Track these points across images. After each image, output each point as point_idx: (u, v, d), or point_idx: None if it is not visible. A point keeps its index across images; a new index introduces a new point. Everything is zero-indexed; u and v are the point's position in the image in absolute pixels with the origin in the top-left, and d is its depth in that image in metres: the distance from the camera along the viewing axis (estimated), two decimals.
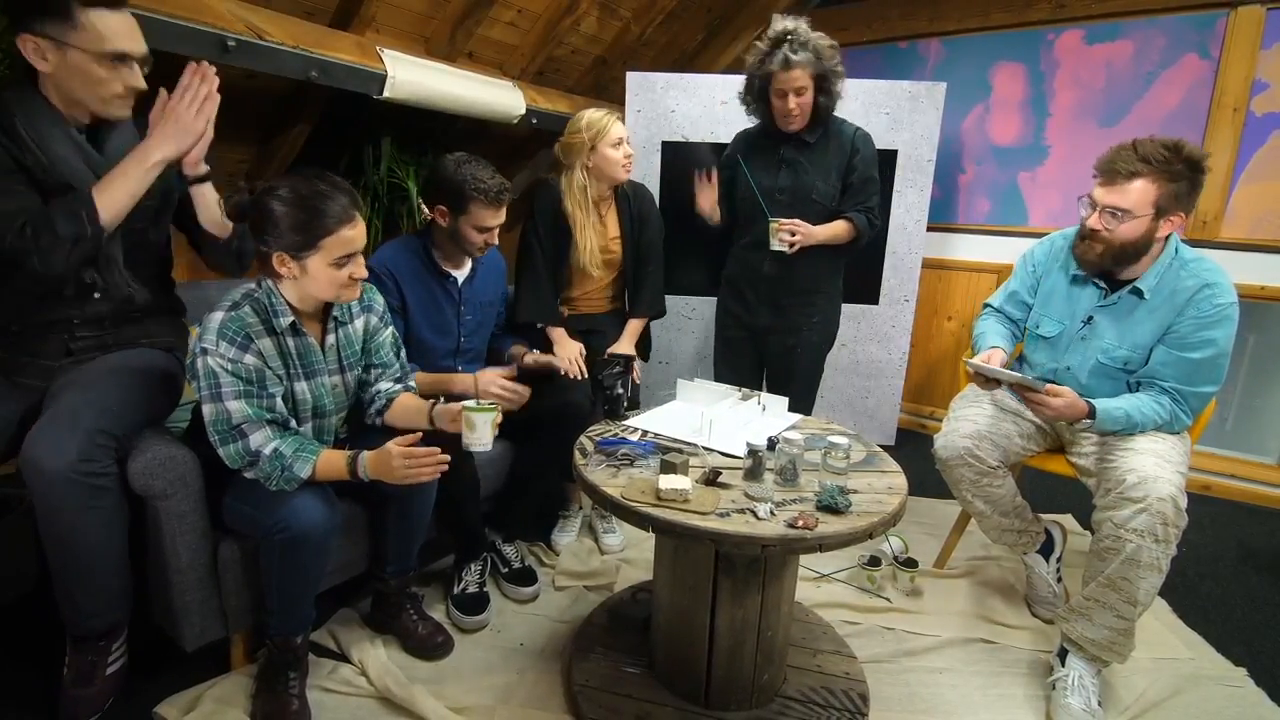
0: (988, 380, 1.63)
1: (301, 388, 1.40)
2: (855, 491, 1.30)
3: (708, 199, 2.09)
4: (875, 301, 2.96)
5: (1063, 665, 1.53)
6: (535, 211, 2.08)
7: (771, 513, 1.19)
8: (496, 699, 1.48)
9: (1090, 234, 1.58)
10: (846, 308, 2.94)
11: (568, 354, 1.99)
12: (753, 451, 1.32)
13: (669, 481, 1.23)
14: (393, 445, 1.31)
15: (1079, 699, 1.46)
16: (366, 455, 1.33)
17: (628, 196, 2.13)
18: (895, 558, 2.00)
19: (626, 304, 2.24)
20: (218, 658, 1.50)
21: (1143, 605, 1.44)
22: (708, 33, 3.39)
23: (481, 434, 1.36)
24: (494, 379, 1.68)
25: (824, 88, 1.90)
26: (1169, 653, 1.73)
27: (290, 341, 1.38)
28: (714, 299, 2.38)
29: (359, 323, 1.52)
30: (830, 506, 1.22)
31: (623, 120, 2.07)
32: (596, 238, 2.07)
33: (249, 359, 1.30)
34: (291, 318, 1.35)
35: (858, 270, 2.92)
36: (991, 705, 1.54)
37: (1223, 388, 1.60)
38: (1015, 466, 1.79)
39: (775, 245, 1.95)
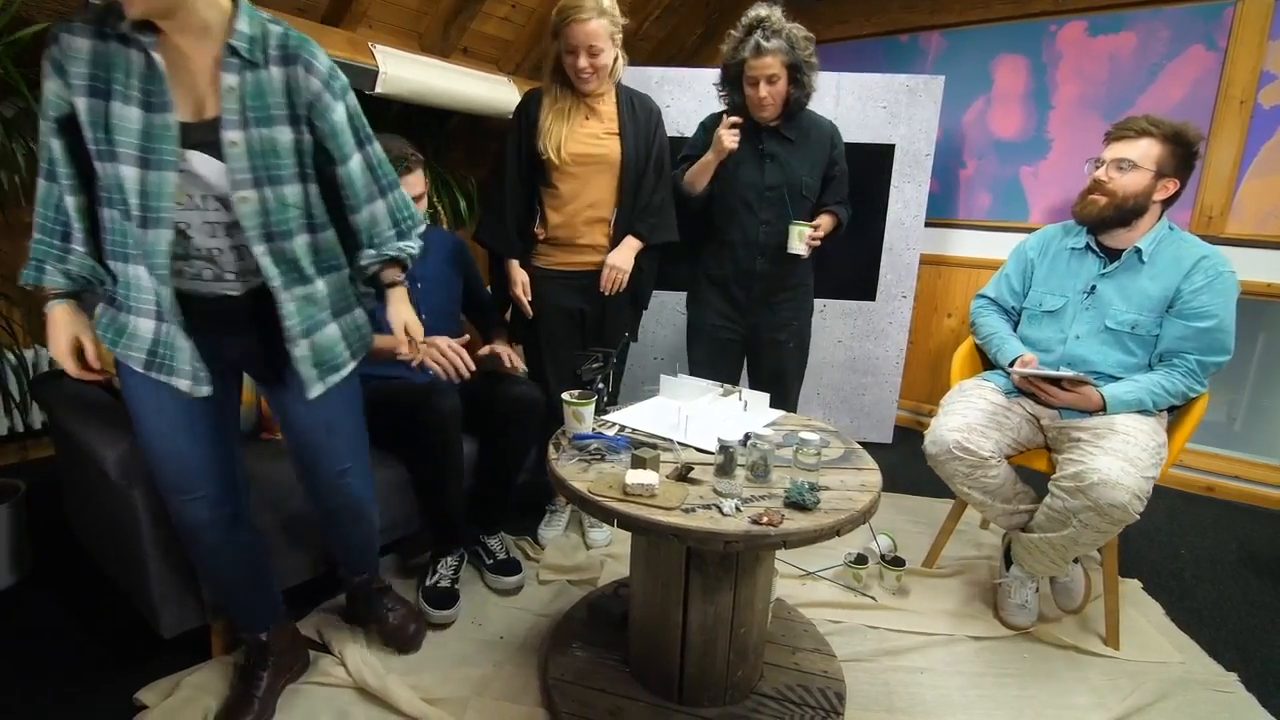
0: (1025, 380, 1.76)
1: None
2: (826, 488, 1.28)
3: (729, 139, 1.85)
4: (872, 298, 2.93)
5: (1007, 570, 1.81)
6: (515, 116, 1.88)
7: (737, 509, 1.18)
8: (471, 691, 1.49)
9: (1095, 187, 1.71)
10: (843, 304, 2.95)
11: (518, 279, 1.90)
12: (724, 447, 1.30)
13: (636, 476, 1.22)
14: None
15: (1019, 597, 1.78)
16: None
17: (631, 98, 1.89)
18: (882, 556, 1.98)
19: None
20: (199, 645, 1.52)
21: (1075, 557, 1.72)
22: (707, 27, 3.37)
23: (587, 424, 1.50)
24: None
25: (796, 79, 1.86)
26: (1159, 656, 1.70)
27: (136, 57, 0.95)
28: None
29: (276, 71, 1.05)
30: (798, 503, 1.21)
31: (608, 17, 1.70)
32: (570, 123, 1.80)
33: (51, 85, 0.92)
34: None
35: (854, 266, 2.90)
36: (970, 706, 1.52)
37: (1231, 387, 1.62)
38: (1010, 459, 1.77)
39: (796, 248, 1.89)
